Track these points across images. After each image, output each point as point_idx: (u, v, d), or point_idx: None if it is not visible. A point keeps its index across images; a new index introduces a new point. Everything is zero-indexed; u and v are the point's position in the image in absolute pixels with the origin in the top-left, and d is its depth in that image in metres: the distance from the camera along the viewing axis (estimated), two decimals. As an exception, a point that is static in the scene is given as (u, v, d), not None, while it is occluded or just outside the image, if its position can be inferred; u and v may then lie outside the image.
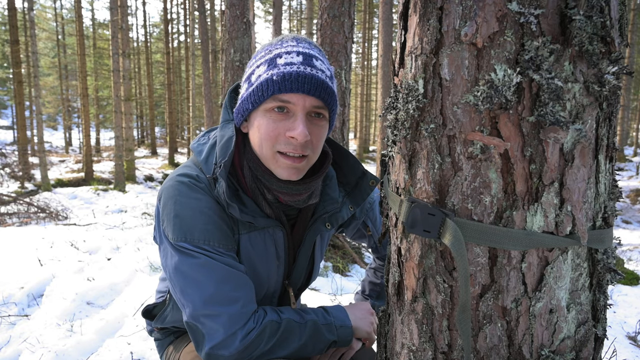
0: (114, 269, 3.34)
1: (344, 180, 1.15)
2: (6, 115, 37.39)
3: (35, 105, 13.70)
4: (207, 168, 0.98)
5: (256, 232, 1.03)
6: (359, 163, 1.14)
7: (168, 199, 0.97)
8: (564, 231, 0.66)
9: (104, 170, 17.64)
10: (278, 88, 0.90)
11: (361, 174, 1.13)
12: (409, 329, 0.79)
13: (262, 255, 1.04)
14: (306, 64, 0.92)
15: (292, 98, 0.91)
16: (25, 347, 2.23)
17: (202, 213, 0.95)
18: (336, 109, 0.98)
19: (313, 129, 0.95)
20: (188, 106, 25.48)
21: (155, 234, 1.04)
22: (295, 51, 0.94)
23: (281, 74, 0.90)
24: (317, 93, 0.91)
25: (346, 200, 1.14)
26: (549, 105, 0.61)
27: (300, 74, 0.90)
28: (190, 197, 0.95)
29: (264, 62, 0.95)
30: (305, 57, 0.93)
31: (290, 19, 34.50)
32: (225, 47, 5.83)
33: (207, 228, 0.94)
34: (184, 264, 0.93)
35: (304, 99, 0.92)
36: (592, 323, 0.73)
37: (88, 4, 40.63)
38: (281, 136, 0.93)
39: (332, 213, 1.10)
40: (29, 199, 8.99)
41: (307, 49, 0.95)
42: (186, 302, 0.93)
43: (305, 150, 0.94)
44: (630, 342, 2.80)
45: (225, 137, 0.99)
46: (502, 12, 0.61)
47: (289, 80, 0.90)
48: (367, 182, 1.13)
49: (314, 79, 0.91)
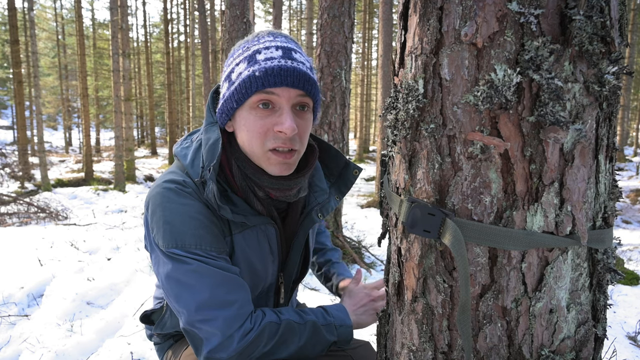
0: (114, 269, 3.34)
1: (328, 172, 1.18)
2: (6, 115, 37.38)
3: (35, 105, 13.69)
4: (193, 172, 0.97)
5: (249, 230, 1.03)
6: (340, 154, 1.16)
7: (156, 206, 0.95)
8: (564, 231, 0.66)
9: (104, 170, 17.63)
10: (262, 83, 0.90)
11: (344, 164, 1.16)
12: (409, 329, 0.79)
13: (257, 252, 1.04)
14: (286, 57, 0.92)
15: (277, 91, 0.91)
16: (25, 347, 2.23)
17: (192, 218, 0.94)
18: (319, 99, 0.99)
19: (299, 122, 0.95)
20: (188, 106, 25.48)
21: (146, 243, 1.02)
22: (274, 46, 0.94)
23: (263, 69, 0.90)
24: (300, 85, 0.92)
25: (332, 190, 1.16)
26: (549, 105, 0.61)
27: (282, 67, 0.90)
28: (178, 203, 0.94)
29: (244, 60, 0.95)
30: (284, 51, 0.93)
31: (290, 19, 34.49)
32: (225, 47, 5.83)
33: (197, 233, 0.93)
34: (176, 270, 0.92)
35: (288, 91, 0.92)
36: (592, 323, 0.73)
37: (88, 4, 40.61)
38: (270, 132, 0.93)
39: (323, 204, 1.12)
40: (29, 199, 8.99)
41: (284, 43, 0.96)
42: (181, 309, 0.92)
43: (294, 144, 0.95)
44: (630, 342, 2.80)
45: (211, 139, 0.98)
46: (502, 12, 0.61)
47: (272, 74, 0.90)
48: (350, 171, 1.15)
49: (296, 71, 0.91)
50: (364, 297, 1.15)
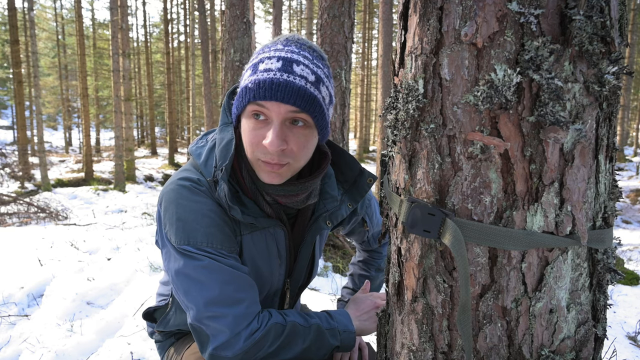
0: (114, 269, 3.34)
1: (342, 178, 1.16)
2: (6, 115, 37.38)
3: (35, 105, 13.69)
4: (207, 171, 0.98)
5: (258, 232, 1.03)
6: (356, 161, 1.15)
7: (170, 202, 0.96)
8: (564, 231, 0.66)
9: (104, 170, 17.64)
10: (253, 95, 0.89)
11: (359, 172, 1.14)
12: (409, 329, 0.79)
13: (265, 254, 1.05)
14: (283, 70, 0.89)
15: (267, 105, 0.89)
16: (25, 347, 2.23)
17: (205, 216, 0.94)
18: (322, 113, 0.94)
19: (292, 137, 0.92)
20: (188, 106, 25.48)
21: (157, 238, 1.03)
22: (277, 56, 0.91)
23: (256, 81, 0.89)
24: (291, 100, 0.88)
25: (345, 198, 1.15)
26: (549, 105, 0.61)
27: (274, 81, 0.87)
28: (192, 201, 0.95)
29: (251, 67, 0.94)
30: (284, 63, 0.90)
31: (290, 19, 34.48)
32: (225, 47, 5.83)
33: (209, 231, 0.94)
34: (187, 266, 0.93)
35: (278, 106, 0.89)
36: (592, 323, 0.73)
37: (88, 4, 40.62)
38: (259, 144, 0.92)
39: (332, 211, 1.11)
40: (29, 199, 8.99)
41: (290, 53, 0.92)
42: (190, 305, 0.93)
43: (282, 160, 0.92)
44: (630, 342, 2.80)
45: (224, 140, 0.98)
46: (502, 12, 0.61)
47: (262, 87, 0.88)
48: (364, 179, 1.14)
49: (288, 86, 0.88)
50: (369, 305, 1.15)
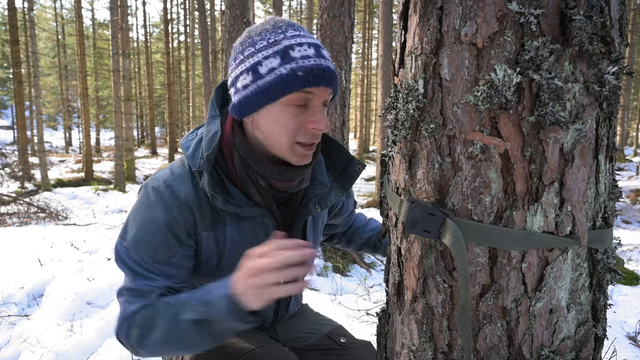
0: (114, 269, 3.34)
1: (332, 166, 1.19)
2: (6, 115, 37.39)
3: (35, 105, 13.70)
4: (193, 162, 1.00)
5: (246, 222, 1.04)
6: (344, 149, 1.18)
7: (135, 204, 1.01)
8: (564, 231, 0.66)
9: (104, 170, 17.63)
10: (302, 83, 0.91)
11: (348, 160, 1.17)
12: (409, 329, 0.79)
13: (254, 244, 1.03)
14: (319, 55, 0.94)
15: (314, 91, 0.94)
16: (25, 347, 2.23)
17: (148, 233, 0.97)
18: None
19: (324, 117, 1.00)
20: (188, 106, 25.49)
21: None
22: (306, 42, 0.95)
23: (303, 68, 0.91)
24: (332, 84, 0.95)
25: (334, 185, 1.18)
26: (549, 105, 0.61)
27: (319, 67, 0.92)
28: (146, 214, 0.98)
29: (274, 54, 0.92)
30: (316, 49, 0.95)
31: (290, 19, 34.46)
32: (225, 47, 5.83)
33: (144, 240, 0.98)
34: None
35: (323, 91, 0.95)
36: (592, 323, 0.73)
37: (88, 4, 40.59)
38: (302, 128, 0.96)
39: (321, 196, 1.14)
40: (29, 199, 8.99)
41: (312, 39, 0.97)
42: None
43: (319, 138, 1.00)
44: (630, 342, 2.80)
45: (211, 132, 1.01)
46: (502, 12, 0.61)
47: (311, 74, 0.91)
48: (354, 167, 1.17)
49: (329, 70, 0.94)
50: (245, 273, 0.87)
